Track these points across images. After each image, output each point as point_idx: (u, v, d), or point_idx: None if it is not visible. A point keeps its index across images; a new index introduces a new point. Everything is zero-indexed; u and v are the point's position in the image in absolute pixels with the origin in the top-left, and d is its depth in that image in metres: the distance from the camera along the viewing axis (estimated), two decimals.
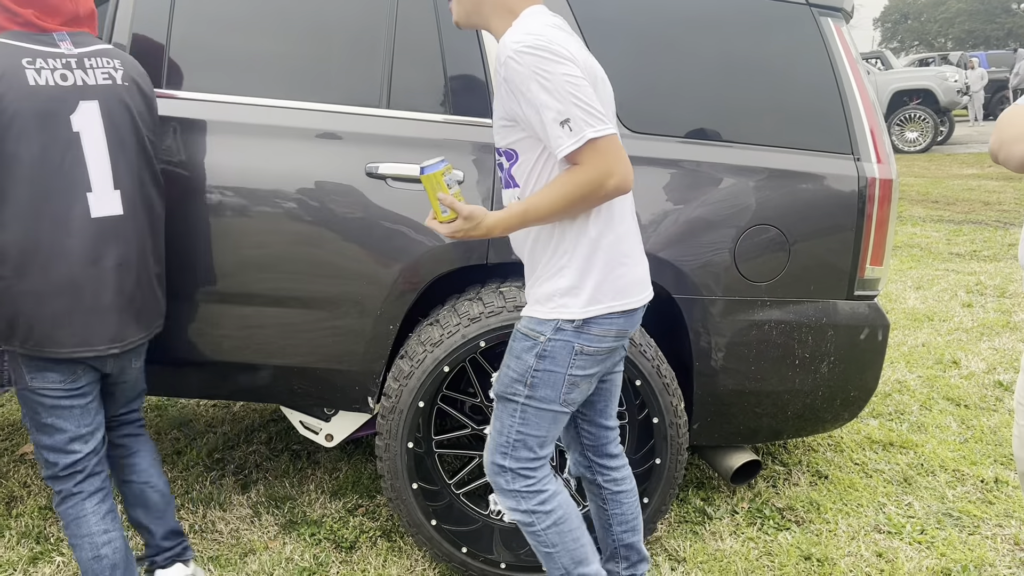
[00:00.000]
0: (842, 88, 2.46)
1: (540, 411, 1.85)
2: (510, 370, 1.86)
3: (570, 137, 1.64)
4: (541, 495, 1.91)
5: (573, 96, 1.63)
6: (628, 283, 1.83)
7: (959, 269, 6.34)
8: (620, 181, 1.68)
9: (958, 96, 15.44)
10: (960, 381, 4.04)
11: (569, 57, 1.65)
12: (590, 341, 1.81)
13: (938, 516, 2.82)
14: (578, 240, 1.78)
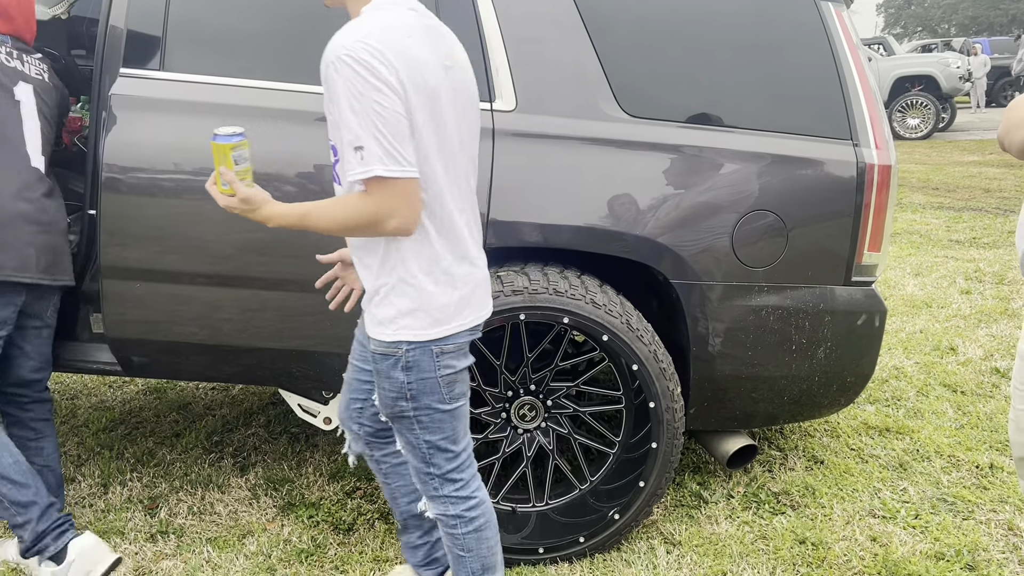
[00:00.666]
0: (842, 73, 2.45)
1: (433, 415, 1.82)
2: (386, 391, 1.82)
3: (359, 165, 1.58)
4: (469, 501, 1.91)
5: (376, 128, 1.56)
6: (469, 301, 1.79)
7: (958, 256, 6.34)
8: (400, 224, 1.63)
9: (960, 83, 15.39)
10: (957, 367, 4.06)
11: (391, 83, 1.56)
12: (445, 343, 1.78)
13: (933, 501, 2.84)
14: (414, 260, 1.73)
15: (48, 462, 2.45)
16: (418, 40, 1.65)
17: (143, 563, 2.51)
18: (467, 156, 1.82)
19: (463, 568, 1.95)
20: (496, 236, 2.35)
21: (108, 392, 3.86)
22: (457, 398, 1.84)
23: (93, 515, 2.77)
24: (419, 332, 1.74)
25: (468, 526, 1.91)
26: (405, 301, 1.73)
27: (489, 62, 2.38)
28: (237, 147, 1.67)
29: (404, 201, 1.61)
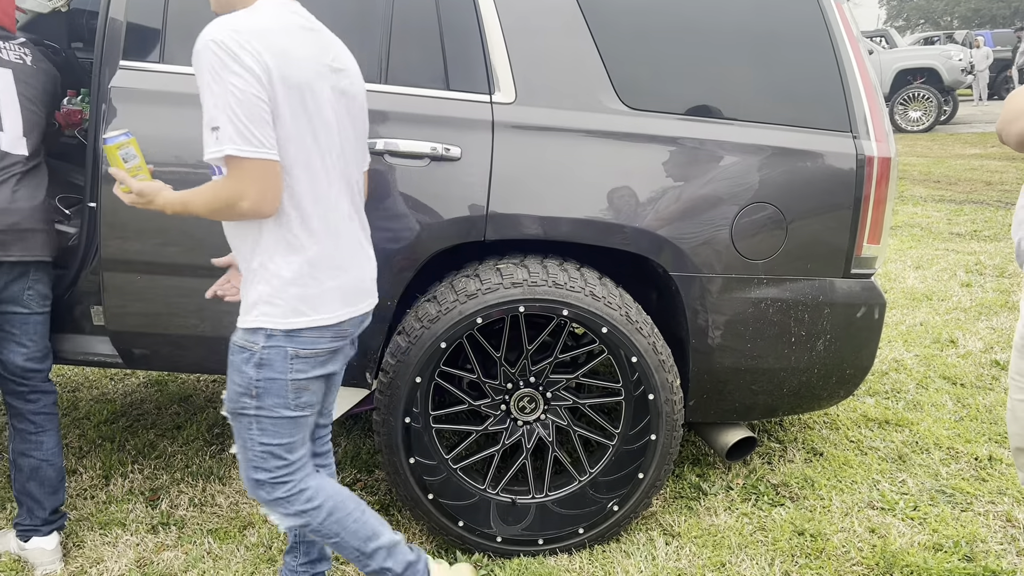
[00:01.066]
0: (842, 66, 2.45)
1: (275, 419, 1.81)
2: (235, 384, 1.82)
3: (214, 145, 1.64)
4: (304, 494, 1.88)
5: (231, 109, 1.61)
6: (331, 298, 1.81)
7: (959, 249, 6.34)
8: (252, 206, 1.66)
9: (962, 75, 15.36)
10: (957, 360, 4.06)
11: (251, 68, 1.61)
12: (304, 345, 1.79)
13: (931, 493, 2.85)
14: (275, 247, 1.76)
15: (47, 456, 2.44)
16: (294, 38, 1.72)
17: (144, 554, 2.52)
18: (352, 159, 1.89)
19: (346, 550, 1.94)
20: (495, 229, 2.35)
21: (109, 385, 3.87)
22: (303, 407, 1.84)
23: (95, 506, 2.78)
24: (277, 320, 1.76)
25: (319, 515, 1.90)
26: (264, 287, 1.77)
27: (488, 54, 2.38)
28: (122, 146, 1.79)
29: (256, 182, 1.66)
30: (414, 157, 2.32)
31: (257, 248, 1.77)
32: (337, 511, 1.91)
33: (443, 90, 2.38)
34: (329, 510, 1.90)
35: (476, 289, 2.33)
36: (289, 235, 1.75)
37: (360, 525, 1.94)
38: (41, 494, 2.43)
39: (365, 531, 1.94)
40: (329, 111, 1.79)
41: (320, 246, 1.79)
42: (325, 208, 1.80)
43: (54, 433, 2.46)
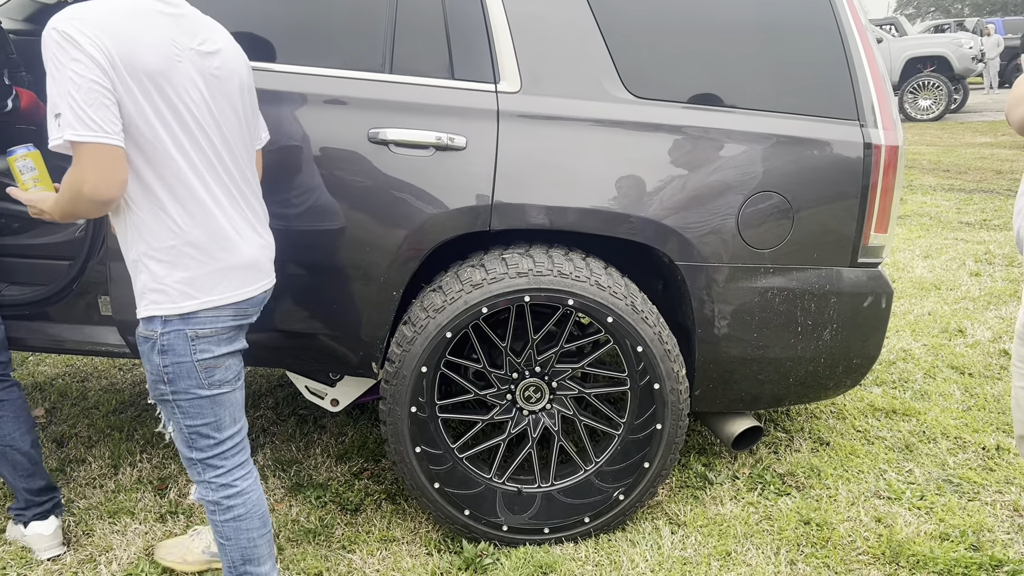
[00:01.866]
0: (849, 53, 2.43)
1: (192, 400, 1.85)
2: (149, 373, 1.85)
3: (56, 131, 1.63)
4: (228, 489, 1.94)
5: (70, 95, 1.61)
6: (219, 278, 1.82)
7: (968, 238, 6.31)
8: (92, 190, 1.65)
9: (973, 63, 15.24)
10: (965, 350, 4.04)
11: (91, 55, 1.61)
12: (202, 325, 1.81)
13: (938, 482, 2.84)
14: (151, 234, 1.77)
15: (9, 442, 2.40)
16: (147, 23, 1.72)
17: (153, 542, 2.53)
18: (235, 141, 1.89)
19: (224, 556, 2.00)
20: (500, 218, 2.35)
21: (118, 375, 3.89)
22: (218, 384, 1.87)
23: (104, 495, 2.80)
24: (167, 306, 1.78)
25: (226, 514, 1.95)
26: (146, 276, 1.78)
27: (493, 43, 2.38)
28: (19, 159, 1.92)
29: (95, 166, 1.65)
30: (419, 147, 2.32)
31: (135, 238, 1.78)
32: (242, 520, 1.96)
33: (448, 80, 2.38)
34: (236, 516, 1.96)
35: (482, 279, 2.33)
36: (164, 221, 1.76)
37: (251, 547, 1.99)
38: (15, 479, 2.43)
39: (251, 553, 1.99)
40: (195, 94, 1.78)
41: (199, 229, 1.79)
42: (198, 191, 1.79)
43: (11, 421, 2.39)
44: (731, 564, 2.42)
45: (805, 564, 2.42)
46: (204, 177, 1.81)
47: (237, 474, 1.95)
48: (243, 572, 1.99)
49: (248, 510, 1.96)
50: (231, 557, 1.98)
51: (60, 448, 3.14)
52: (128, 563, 2.44)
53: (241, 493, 1.95)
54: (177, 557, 2.38)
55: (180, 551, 2.39)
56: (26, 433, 2.43)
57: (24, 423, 2.43)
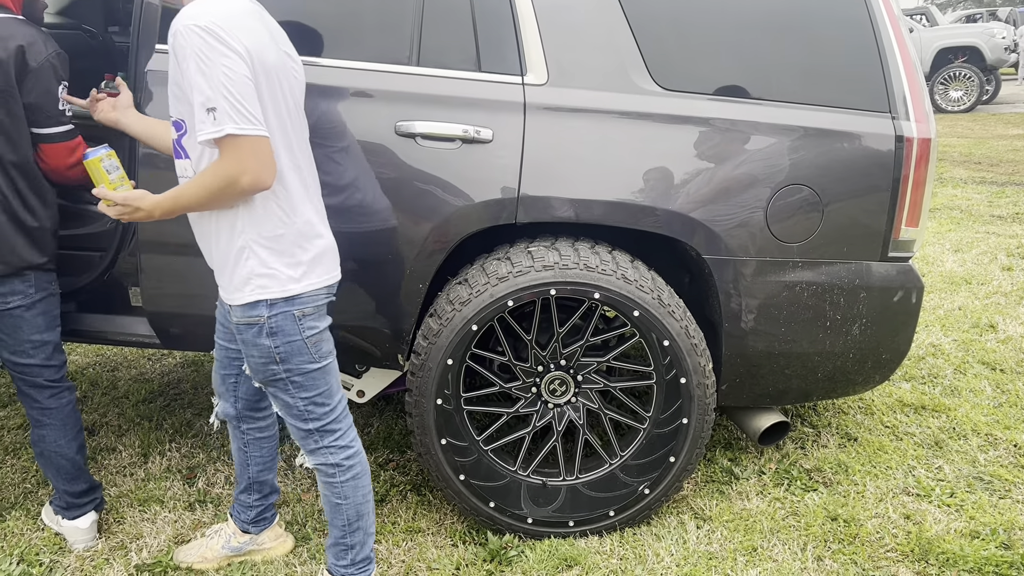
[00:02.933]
0: (881, 44, 2.40)
1: (306, 375, 1.95)
2: (255, 358, 1.94)
3: (212, 125, 1.70)
4: (348, 450, 2.05)
5: (225, 88, 1.68)
6: (319, 262, 1.93)
7: (1000, 232, 6.21)
8: (253, 180, 1.74)
9: (1005, 53, 14.96)
10: (996, 345, 3.98)
11: (237, 50, 1.70)
12: (305, 303, 1.91)
13: (968, 480, 2.81)
14: (261, 224, 1.85)
15: (55, 449, 2.40)
16: (256, 22, 1.81)
17: (182, 530, 2.57)
18: (305, 140, 1.99)
19: (340, 516, 2.09)
20: (526, 211, 2.35)
21: (147, 365, 3.94)
22: (325, 356, 1.98)
23: (134, 484, 2.84)
24: (273, 291, 1.86)
25: (346, 474, 2.06)
26: (254, 263, 1.85)
27: (520, 35, 2.37)
28: (104, 159, 1.91)
29: (255, 157, 1.74)
30: (445, 140, 2.32)
31: (245, 226, 1.85)
32: (359, 479, 2.08)
33: (475, 72, 2.37)
34: (355, 475, 2.07)
35: (507, 272, 2.33)
36: (274, 210, 1.86)
37: (364, 502, 2.10)
38: (57, 480, 2.45)
39: (364, 508, 2.11)
40: (288, 95, 1.90)
41: (300, 218, 1.90)
42: (296, 183, 1.90)
43: (56, 428, 2.39)
44: (757, 560, 2.41)
45: (832, 560, 2.40)
46: (300, 169, 1.92)
47: (351, 434, 2.07)
48: (356, 528, 2.10)
49: (364, 468, 2.09)
50: (347, 515, 2.08)
51: (91, 436, 3.19)
52: (158, 550, 2.47)
53: (358, 452, 2.08)
54: (197, 556, 2.41)
55: (199, 550, 2.42)
56: (72, 440, 2.43)
57: (71, 430, 2.43)
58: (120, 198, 1.84)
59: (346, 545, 2.11)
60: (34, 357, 2.35)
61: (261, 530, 2.43)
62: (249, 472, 2.37)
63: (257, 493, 2.40)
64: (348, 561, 2.12)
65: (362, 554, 2.13)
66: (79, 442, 2.46)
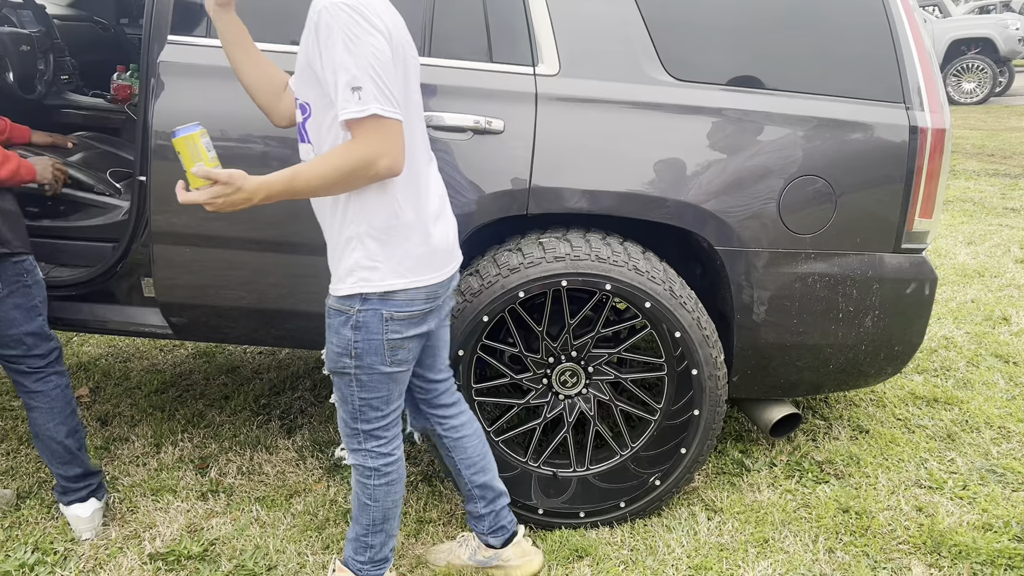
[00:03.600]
0: (895, 33, 2.38)
1: (373, 376, 1.90)
2: (333, 345, 1.90)
3: (357, 105, 1.64)
4: (389, 458, 2.01)
5: (372, 68, 1.64)
6: (425, 261, 1.86)
7: (1013, 224, 6.16)
8: (391, 163, 1.69)
9: (1019, 45, 14.80)
10: (1010, 338, 3.96)
11: (383, 30, 1.67)
12: (398, 308, 1.85)
13: (981, 472, 2.80)
14: (375, 213, 1.80)
15: (44, 432, 2.40)
16: (389, 6, 1.77)
17: (195, 520, 2.58)
18: (424, 129, 1.94)
19: (366, 515, 2.06)
20: (537, 203, 2.34)
21: (159, 356, 3.96)
22: (399, 363, 1.92)
23: (147, 473, 2.86)
24: (374, 284, 1.82)
25: (381, 479, 2.02)
26: (360, 254, 1.81)
27: (532, 26, 2.36)
28: (202, 135, 1.70)
29: (393, 141, 1.69)
30: (456, 130, 2.32)
31: (357, 216, 1.81)
32: (392, 485, 2.04)
33: (486, 62, 2.37)
34: (390, 481, 2.03)
35: (519, 263, 2.33)
36: (388, 201, 1.80)
37: (393, 507, 2.07)
38: (51, 463, 2.45)
39: (392, 512, 2.07)
40: (413, 74, 1.84)
41: (414, 211, 1.85)
42: (419, 170, 1.86)
43: (43, 412, 2.39)
44: (768, 551, 2.41)
45: (844, 552, 2.40)
46: (422, 155, 1.88)
47: (395, 443, 2.03)
48: (381, 529, 2.08)
49: (399, 475, 2.05)
50: (373, 516, 2.06)
51: (104, 427, 3.21)
52: (171, 539, 2.49)
53: (398, 460, 2.04)
54: (444, 563, 2.36)
55: (447, 557, 2.37)
56: (60, 424, 2.40)
57: (59, 414, 2.40)
58: (224, 176, 1.63)
59: (366, 544, 2.09)
60: (15, 349, 2.33)
61: (502, 542, 2.29)
62: (464, 478, 2.26)
63: (481, 500, 2.28)
64: (366, 558, 2.10)
65: (381, 554, 2.11)
66: (69, 426, 2.42)
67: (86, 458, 2.50)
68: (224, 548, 2.44)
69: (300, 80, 1.81)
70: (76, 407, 2.47)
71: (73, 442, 2.45)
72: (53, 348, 2.41)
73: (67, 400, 2.44)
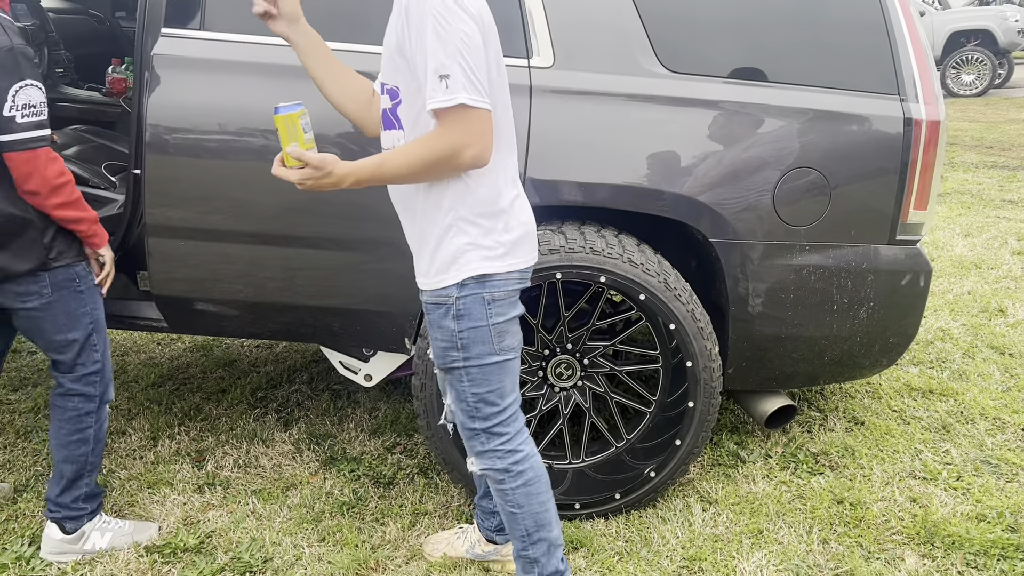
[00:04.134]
0: (890, 26, 2.38)
1: (483, 367, 1.84)
2: (438, 340, 1.85)
3: (444, 93, 1.60)
4: (516, 455, 1.92)
5: (462, 56, 1.59)
6: (523, 243, 1.83)
7: (1011, 216, 6.17)
8: (478, 153, 1.66)
9: (1019, 37, 14.78)
10: (1006, 330, 3.97)
11: (475, 17, 1.63)
12: (497, 287, 1.80)
13: (976, 463, 2.80)
14: (474, 199, 1.76)
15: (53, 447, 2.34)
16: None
17: (191, 512, 2.59)
18: (510, 114, 1.85)
19: (517, 526, 1.96)
20: (532, 195, 2.34)
21: (156, 349, 3.96)
22: (507, 350, 1.86)
23: (143, 467, 2.86)
24: (476, 266, 1.77)
25: (516, 480, 1.92)
26: (462, 240, 1.77)
27: (526, 17, 2.36)
28: (302, 115, 1.68)
29: (480, 131, 1.65)
30: None
31: (455, 202, 1.76)
32: (532, 485, 1.94)
33: None
34: (526, 480, 1.93)
35: None
36: (487, 185, 1.77)
37: (543, 510, 1.97)
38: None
39: (544, 518, 1.97)
40: (500, 58, 1.79)
41: (512, 192, 1.82)
42: (506, 155, 1.83)
43: (53, 422, 2.34)
44: (763, 542, 2.42)
45: (838, 543, 2.41)
46: (511, 140, 1.84)
47: (520, 438, 1.93)
48: (538, 539, 1.96)
49: (536, 474, 1.95)
50: (524, 526, 1.95)
51: None
52: (168, 532, 2.49)
53: (528, 457, 1.93)
54: (440, 554, 2.34)
55: (444, 548, 2.35)
56: (60, 446, 2.31)
57: (63, 436, 2.31)
58: (317, 160, 1.64)
59: (529, 558, 1.98)
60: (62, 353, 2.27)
61: (507, 540, 2.27)
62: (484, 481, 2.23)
63: None
64: (535, 574, 1.99)
65: (550, 567, 1.98)
66: (67, 453, 2.32)
67: (72, 493, 2.35)
68: (220, 540, 2.45)
69: (389, 65, 1.78)
70: (90, 446, 2.34)
71: (68, 469, 2.33)
72: (94, 370, 2.31)
73: (78, 429, 2.31)
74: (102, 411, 2.37)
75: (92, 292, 2.29)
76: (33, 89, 2.04)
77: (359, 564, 2.33)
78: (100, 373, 2.34)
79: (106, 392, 2.36)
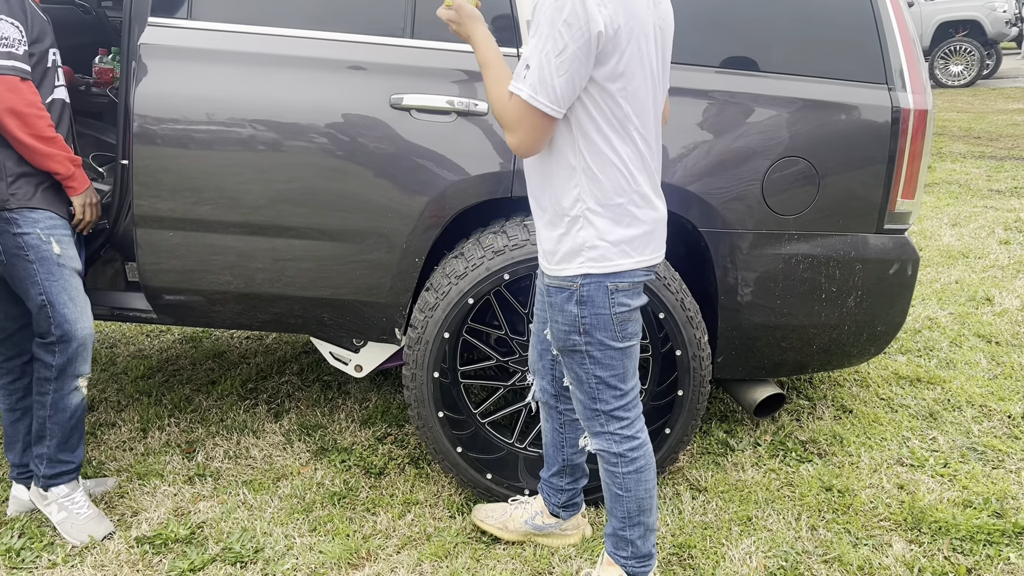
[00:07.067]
0: (878, 15, 2.38)
1: (605, 351, 1.87)
2: (559, 324, 1.88)
3: (518, 80, 1.72)
4: (633, 442, 1.96)
5: (548, 61, 1.65)
6: (648, 239, 1.84)
7: (998, 206, 6.20)
8: (518, 144, 1.74)
9: (1007, 27, 14.83)
10: (992, 318, 4.00)
11: (594, 17, 1.62)
12: (621, 279, 1.83)
13: (962, 450, 2.83)
14: (605, 192, 1.78)
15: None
16: None
17: (182, 504, 2.59)
18: (661, 93, 1.86)
19: (620, 507, 2.01)
20: (522, 185, 2.34)
21: (146, 341, 3.95)
22: (629, 337, 1.88)
23: (133, 458, 2.86)
24: (602, 264, 1.79)
25: (629, 466, 1.97)
26: (588, 232, 1.79)
27: (515, 5, 2.35)
28: None
29: (529, 127, 1.71)
30: (440, 112, 2.32)
31: (583, 193, 1.79)
32: (643, 472, 1.99)
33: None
34: (638, 467, 1.98)
35: (503, 245, 2.33)
36: (616, 177, 1.78)
37: (647, 497, 2.01)
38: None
39: (647, 504, 2.01)
40: (652, 48, 1.78)
41: (645, 186, 1.82)
42: (650, 147, 1.83)
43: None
44: (752, 529, 2.43)
45: (826, 530, 2.43)
46: (653, 130, 1.83)
47: (639, 424, 1.97)
48: (638, 522, 2.01)
49: (647, 462, 1.99)
50: (627, 508, 2.00)
51: (91, 412, 3.20)
52: (158, 523, 2.49)
53: (643, 444, 1.98)
54: (497, 523, 2.37)
55: (501, 517, 2.37)
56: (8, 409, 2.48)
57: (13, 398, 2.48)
58: (467, 9, 1.85)
59: (625, 538, 2.03)
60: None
61: (571, 515, 2.36)
62: (563, 454, 2.26)
63: (569, 476, 2.30)
64: (628, 553, 2.04)
65: (644, 549, 2.04)
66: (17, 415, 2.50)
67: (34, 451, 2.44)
68: (211, 531, 2.45)
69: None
70: (47, 411, 2.38)
71: (33, 425, 2.44)
72: (50, 340, 2.32)
73: (39, 392, 2.37)
74: (64, 382, 2.37)
75: (46, 265, 2.27)
76: (7, 24, 2.12)
77: (350, 554, 2.33)
78: (59, 344, 2.33)
79: (69, 366, 2.35)
